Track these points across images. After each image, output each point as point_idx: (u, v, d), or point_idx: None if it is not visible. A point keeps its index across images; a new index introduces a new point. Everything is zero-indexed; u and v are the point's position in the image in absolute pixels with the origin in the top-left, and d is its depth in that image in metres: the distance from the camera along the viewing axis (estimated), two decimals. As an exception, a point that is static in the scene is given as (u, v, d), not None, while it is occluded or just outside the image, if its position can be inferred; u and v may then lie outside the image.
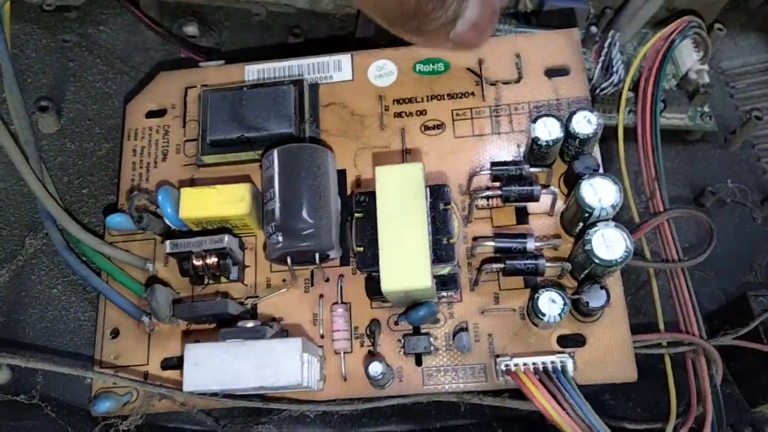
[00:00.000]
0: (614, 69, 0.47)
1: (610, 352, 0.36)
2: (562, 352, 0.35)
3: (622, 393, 0.43)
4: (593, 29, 0.48)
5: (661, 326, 0.42)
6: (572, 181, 0.36)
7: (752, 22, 0.55)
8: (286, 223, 0.35)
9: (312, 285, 0.38)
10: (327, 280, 0.38)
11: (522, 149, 0.40)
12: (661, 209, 0.44)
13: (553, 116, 0.36)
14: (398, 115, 0.41)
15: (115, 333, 0.39)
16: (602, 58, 0.47)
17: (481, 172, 0.37)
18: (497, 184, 0.37)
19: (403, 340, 0.36)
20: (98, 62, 0.50)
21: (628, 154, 0.49)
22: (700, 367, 0.40)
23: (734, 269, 0.48)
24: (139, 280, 0.40)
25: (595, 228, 0.33)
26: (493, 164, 0.37)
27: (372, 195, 0.35)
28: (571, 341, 0.36)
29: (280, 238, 0.35)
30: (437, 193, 0.35)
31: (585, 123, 0.35)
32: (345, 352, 0.37)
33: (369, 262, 0.34)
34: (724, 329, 0.41)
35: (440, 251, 0.34)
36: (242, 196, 0.37)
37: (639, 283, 0.48)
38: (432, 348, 0.36)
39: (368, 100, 0.42)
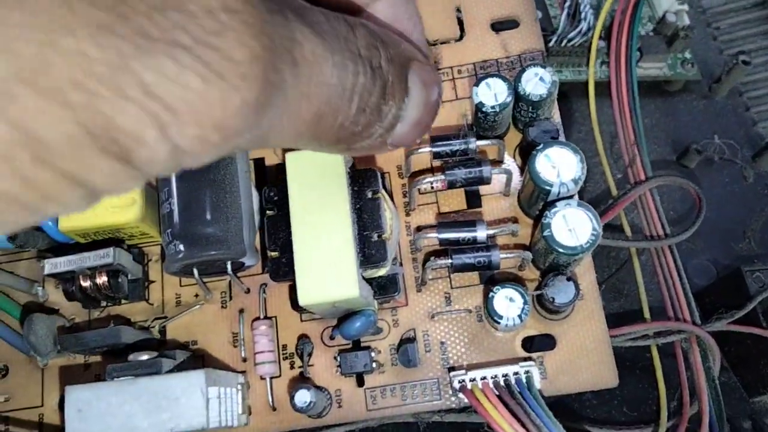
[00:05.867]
0: (582, 15, 0.41)
1: (584, 354, 0.30)
2: (528, 359, 0.30)
3: (606, 390, 0.38)
4: (555, -29, 0.42)
5: (647, 312, 0.37)
6: (528, 152, 0.30)
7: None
8: (186, 228, 0.29)
9: (230, 299, 0.32)
10: (248, 291, 0.32)
11: (469, 118, 0.33)
12: (643, 178, 0.38)
13: (498, 77, 0.29)
14: (322, 88, 0.35)
15: (4, 371, 0.33)
16: (568, 3, 0.41)
17: (419, 151, 0.31)
18: (439, 163, 0.31)
19: (339, 358, 0.30)
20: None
21: (602, 112, 0.43)
22: (693, 357, 0.34)
23: (725, 237, 0.43)
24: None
25: (555, 208, 0.27)
26: (434, 139, 0.30)
27: (284, 187, 0.28)
28: (539, 343, 0.31)
29: (181, 247, 0.29)
30: (362, 180, 0.29)
31: (537, 82, 0.29)
32: (272, 377, 0.31)
33: (284, 269, 0.28)
34: (718, 312, 0.36)
35: (369, 251, 0.28)
36: (132, 200, 0.30)
37: (620, 261, 0.42)
38: (374, 365, 0.30)
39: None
